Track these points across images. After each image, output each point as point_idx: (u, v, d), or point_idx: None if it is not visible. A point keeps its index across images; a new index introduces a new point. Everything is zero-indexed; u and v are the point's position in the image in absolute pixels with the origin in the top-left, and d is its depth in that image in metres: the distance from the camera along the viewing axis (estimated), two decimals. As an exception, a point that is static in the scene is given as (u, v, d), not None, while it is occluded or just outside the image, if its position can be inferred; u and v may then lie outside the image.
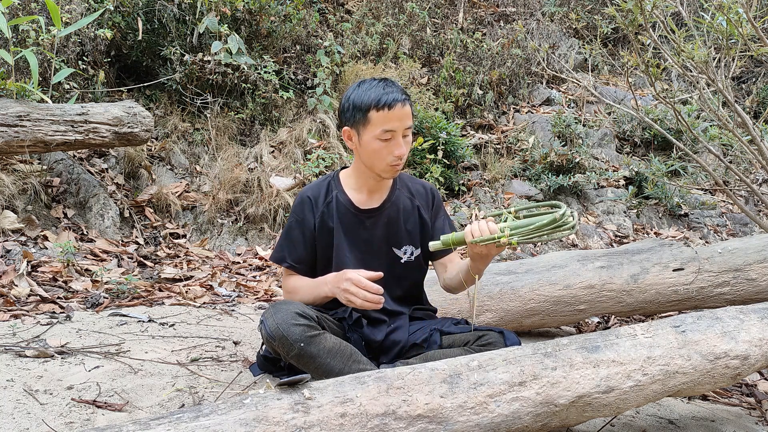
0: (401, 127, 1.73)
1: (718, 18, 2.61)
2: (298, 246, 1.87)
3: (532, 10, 6.56)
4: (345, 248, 1.86)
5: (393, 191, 1.91)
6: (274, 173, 4.13)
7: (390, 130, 1.72)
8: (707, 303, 2.53)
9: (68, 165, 3.67)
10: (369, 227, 1.87)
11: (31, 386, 1.75)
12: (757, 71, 6.48)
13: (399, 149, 1.74)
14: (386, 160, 1.76)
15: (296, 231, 1.88)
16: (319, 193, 1.89)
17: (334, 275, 1.76)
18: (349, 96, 1.78)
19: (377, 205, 1.88)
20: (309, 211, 1.86)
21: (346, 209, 1.87)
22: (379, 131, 1.72)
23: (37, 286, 2.68)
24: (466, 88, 5.28)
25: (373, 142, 1.74)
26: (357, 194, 1.88)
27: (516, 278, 2.49)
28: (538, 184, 4.77)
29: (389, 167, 1.77)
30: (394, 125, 1.72)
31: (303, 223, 1.87)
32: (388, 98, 1.70)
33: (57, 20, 3.35)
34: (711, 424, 2.05)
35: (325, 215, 1.86)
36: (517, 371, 1.46)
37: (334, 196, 1.87)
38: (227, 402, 1.26)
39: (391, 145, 1.74)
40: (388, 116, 1.71)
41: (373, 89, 1.73)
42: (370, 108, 1.71)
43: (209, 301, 2.82)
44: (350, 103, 1.76)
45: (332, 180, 1.91)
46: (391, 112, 1.71)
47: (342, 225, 1.86)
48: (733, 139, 3.81)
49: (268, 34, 4.62)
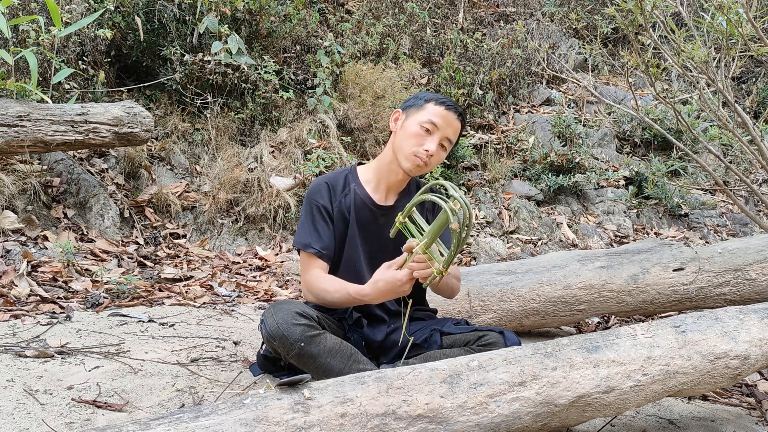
0: (444, 130, 1.82)
1: (718, 18, 2.61)
2: (323, 232, 1.84)
3: (532, 10, 6.56)
4: (358, 241, 1.87)
5: (407, 192, 1.94)
6: (274, 173, 4.13)
7: (435, 124, 1.80)
8: (707, 303, 2.53)
9: (68, 165, 3.67)
10: (382, 224, 1.89)
11: (31, 386, 1.75)
12: (757, 71, 6.48)
13: (429, 144, 1.80)
14: (413, 150, 1.81)
15: (318, 216, 1.85)
16: (338, 183, 1.90)
17: (375, 289, 1.67)
18: (419, 95, 1.89)
19: (392, 203, 1.91)
20: (327, 197, 1.87)
21: (363, 203, 1.88)
22: (426, 119, 1.81)
23: (37, 286, 2.68)
24: (466, 88, 5.28)
25: (413, 126, 1.82)
26: (374, 190, 1.90)
27: (516, 278, 2.49)
28: (538, 184, 4.77)
29: (413, 158, 1.81)
30: (440, 122, 1.81)
31: (323, 208, 1.86)
32: (449, 103, 1.84)
33: (57, 20, 3.35)
34: (711, 424, 2.05)
35: (342, 205, 1.87)
36: (517, 371, 1.46)
37: (352, 189, 1.89)
38: (227, 402, 1.26)
39: (426, 138, 1.81)
40: (440, 113, 1.81)
41: (439, 95, 1.87)
42: (431, 99, 1.84)
43: (209, 301, 2.82)
44: (417, 96, 1.88)
45: (349, 173, 1.93)
46: (446, 112, 1.82)
47: (357, 218, 1.87)
48: (733, 139, 3.81)
49: (268, 34, 4.62)
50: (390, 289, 1.66)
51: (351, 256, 1.85)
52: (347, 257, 1.86)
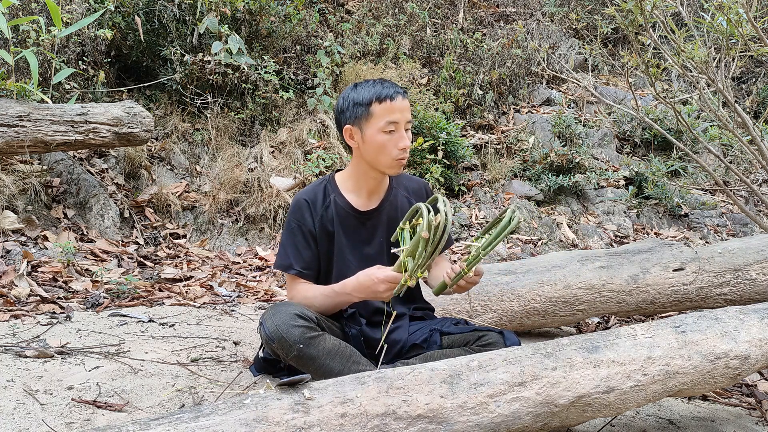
0: (404, 119, 1.75)
1: (718, 18, 2.61)
2: (304, 251, 1.83)
3: (532, 10, 6.56)
4: (347, 251, 1.84)
5: (390, 190, 1.91)
6: (274, 173, 4.13)
7: (394, 122, 1.74)
8: (707, 303, 2.53)
9: (68, 165, 3.67)
10: (369, 228, 1.87)
11: (31, 386, 1.75)
12: (757, 71, 6.48)
13: (403, 141, 1.75)
14: (392, 154, 1.76)
15: (299, 236, 1.83)
16: (316, 197, 1.85)
17: (356, 281, 1.69)
18: (347, 96, 1.78)
19: (375, 206, 1.88)
20: (308, 215, 1.83)
21: (346, 212, 1.85)
22: (384, 123, 1.73)
23: (37, 286, 2.68)
24: (466, 88, 5.28)
25: (377, 135, 1.74)
26: (355, 196, 1.87)
27: (516, 278, 2.49)
28: (538, 184, 4.77)
29: (395, 161, 1.77)
30: (397, 117, 1.74)
31: (304, 227, 1.83)
32: (389, 91, 1.74)
33: (57, 20, 3.35)
34: (711, 425, 2.05)
35: (324, 219, 1.84)
36: (517, 371, 1.46)
37: (332, 200, 1.85)
38: (227, 402, 1.26)
39: (396, 138, 1.75)
40: (390, 108, 1.73)
41: (371, 86, 1.76)
42: (372, 101, 1.74)
43: (209, 302, 2.82)
44: (350, 101, 1.77)
45: (328, 183, 1.88)
46: (394, 103, 1.73)
47: (343, 228, 1.84)
48: (733, 139, 3.81)
49: (268, 34, 4.62)
50: (367, 285, 1.65)
51: (342, 269, 1.82)
52: (339, 270, 1.83)
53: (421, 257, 1.57)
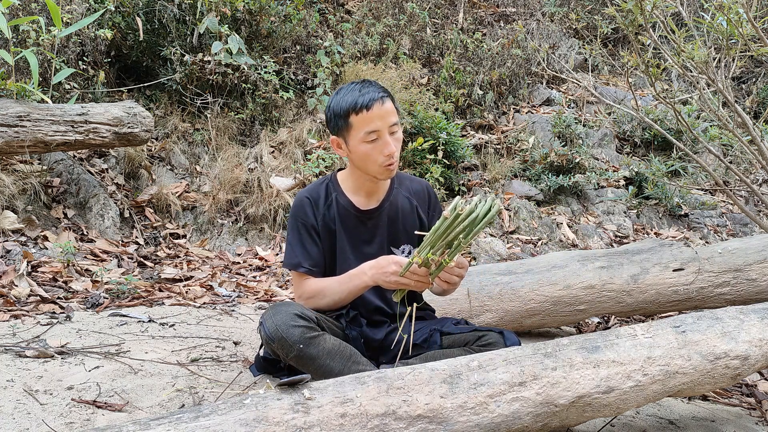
0: (385, 126, 1.72)
1: (718, 18, 2.61)
2: (311, 248, 1.83)
3: (532, 10, 6.56)
4: (348, 250, 1.85)
5: (391, 191, 1.91)
6: (274, 173, 4.13)
7: (374, 131, 1.71)
8: (707, 303, 2.53)
9: (68, 165, 3.67)
10: (370, 228, 1.87)
11: (31, 386, 1.75)
12: (757, 71, 6.48)
13: (388, 148, 1.72)
14: (378, 162, 1.74)
15: (304, 233, 1.84)
16: (319, 196, 1.87)
17: (370, 265, 1.70)
18: (330, 105, 1.77)
19: (376, 206, 1.88)
20: (311, 213, 1.84)
21: (348, 211, 1.86)
22: (363, 134, 1.71)
23: (37, 286, 2.68)
24: (466, 88, 5.28)
25: (360, 146, 1.73)
26: (356, 196, 1.88)
27: (516, 278, 2.49)
28: (538, 184, 4.77)
29: (383, 168, 1.76)
30: (376, 125, 1.71)
31: (308, 224, 1.84)
32: (364, 99, 1.69)
33: (57, 20, 3.35)
34: (711, 425, 2.05)
35: (326, 218, 1.85)
36: (517, 371, 1.46)
37: (334, 199, 1.86)
38: (227, 402, 1.26)
39: (380, 145, 1.72)
40: (368, 117, 1.70)
41: (350, 94, 1.72)
42: (349, 113, 1.71)
43: (209, 302, 2.82)
44: (331, 112, 1.76)
45: (329, 182, 1.90)
46: (371, 112, 1.69)
47: (344, 227, 1.85)
48: (733, 140, 3.81)
49: (268, 34, 4.62)
50: (382, 265, 1.67)
51: (344, 267, 1.83)
52: (340, 266, 1.84)
53: (438, 239, 1.55)
